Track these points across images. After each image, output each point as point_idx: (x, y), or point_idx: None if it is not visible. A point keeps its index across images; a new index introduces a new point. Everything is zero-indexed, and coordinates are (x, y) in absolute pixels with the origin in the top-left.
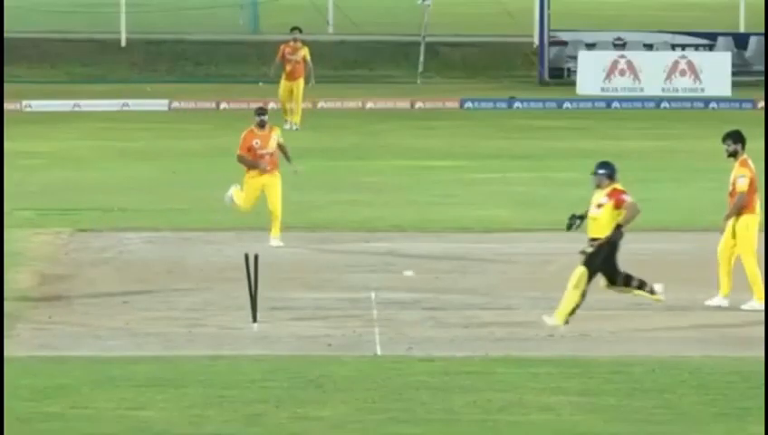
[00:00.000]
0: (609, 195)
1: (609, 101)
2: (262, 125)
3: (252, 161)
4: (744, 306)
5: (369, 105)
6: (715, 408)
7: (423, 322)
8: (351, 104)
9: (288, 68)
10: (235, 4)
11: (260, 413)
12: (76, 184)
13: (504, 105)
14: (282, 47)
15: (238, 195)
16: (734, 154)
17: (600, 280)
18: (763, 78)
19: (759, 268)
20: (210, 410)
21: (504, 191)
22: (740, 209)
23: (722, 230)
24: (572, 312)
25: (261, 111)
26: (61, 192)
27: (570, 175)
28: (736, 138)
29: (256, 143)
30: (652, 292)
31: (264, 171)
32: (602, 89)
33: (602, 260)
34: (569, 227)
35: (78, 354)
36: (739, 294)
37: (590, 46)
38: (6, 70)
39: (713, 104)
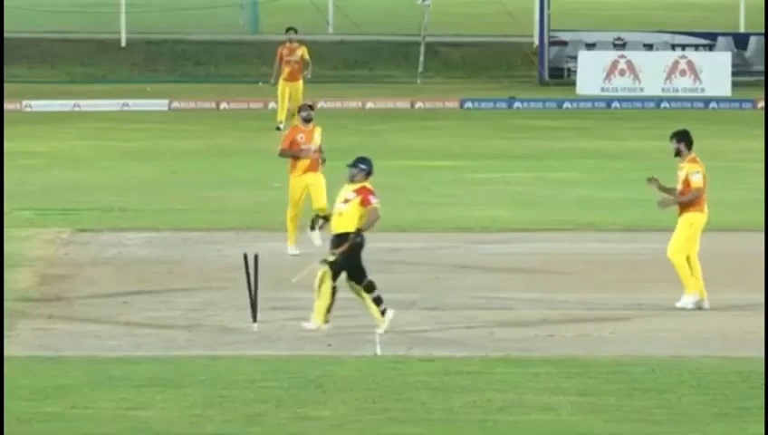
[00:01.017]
0: (358, 191)
1: (609, 101)
2: (308, 120)
3: (294, 151)
4: (678, 304)
5: (369, 105)
6: (715, 408)
7: (423, 322)
8: (351, 104)
9: (287, 69)
10: (235, 4)
11: (260, 413)
12: (76, 184)
13: (504, 105)
14: (279, 49)
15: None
16: (678, 153)
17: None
18: (763, 78)
19: (688, 266)
20: (210, 410)
21: (504, 191)
22: (687, 205)
23: (663, 203)
24: (329, 310)
25: (306, 108)
26: (61, 192)
27: (570, 175)
28: (680, 137)
29: (301, 138)
30: (383, 313)
31: (306, 157)
32: (602, 89)
33: (345, 263)
34: (312, 227)
35: (78, 354)
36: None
37: (590, 46)
38: (6, 70)
39: (713, 104)
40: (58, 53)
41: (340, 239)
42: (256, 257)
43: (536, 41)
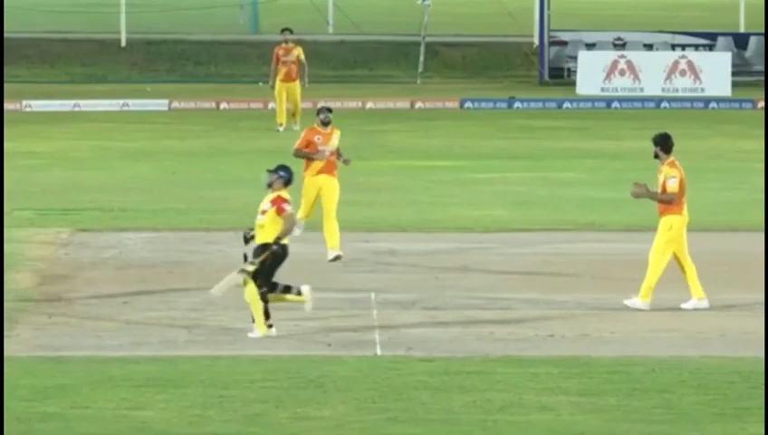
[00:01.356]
0: (273, 201)
1: (609, 101)
2: (326, 123)
3: (309, 152)
4: (626, 301)
5: (369, 105)
6: (714, 408)
7: (423, 322)
8: (351, 104)
9: (284, 70)
10: (234, 4)
11: (260, 413)
12: (76, 184)
13: (504, 105)
14: (275, 50)
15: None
16: (656, 156)
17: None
18: (763, 78)
19: (663, 272)
20: (210, 410)
21: (504, 191)
22: (666, 208)
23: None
24: (267, 316)
25: (325, 110)
26: (61, 192)
27: (570, 175)
28: (656, 141)
29: (318, 139)
30: (299, 293)
31: (321, 160)
32: (602, 89)
33: (265, 271)
34: (246, 241)
35: (78, 354)
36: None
37: (590, 46)
38: (6, 70)
39: (713, 104)
40: (58, 53)
41: (262, 250)
42: None
43: (536, 41)
